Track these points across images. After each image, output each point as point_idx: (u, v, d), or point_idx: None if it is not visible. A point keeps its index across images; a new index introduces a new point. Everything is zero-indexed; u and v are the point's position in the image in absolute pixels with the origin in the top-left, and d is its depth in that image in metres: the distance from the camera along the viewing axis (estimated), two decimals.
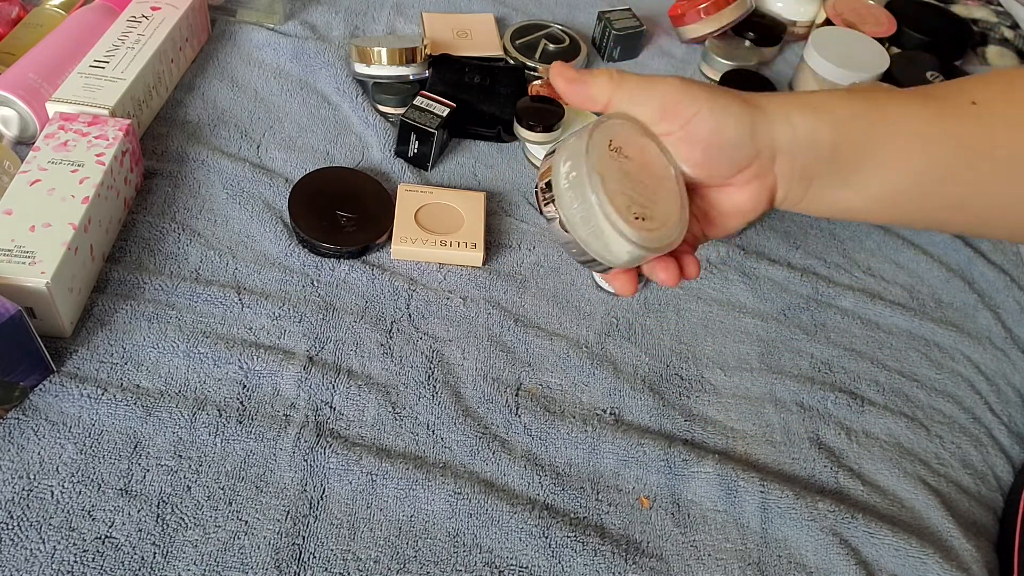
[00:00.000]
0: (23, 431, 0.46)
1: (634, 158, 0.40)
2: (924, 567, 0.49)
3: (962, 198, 0.42)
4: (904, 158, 0.41)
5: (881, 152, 0.41)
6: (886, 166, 0.41)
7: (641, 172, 0.40)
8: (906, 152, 0.41)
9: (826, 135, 0.41)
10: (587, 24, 0.88)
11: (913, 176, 0.41)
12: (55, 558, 0.42)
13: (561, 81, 0.43)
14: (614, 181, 0.39)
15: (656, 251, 0.40)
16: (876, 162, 0.41)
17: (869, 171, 0.41)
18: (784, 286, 0.65)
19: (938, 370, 0.62)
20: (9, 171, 0.56)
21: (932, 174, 0.41)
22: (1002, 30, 0.98)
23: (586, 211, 0.39)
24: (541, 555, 0.47)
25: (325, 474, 0.48)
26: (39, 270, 0.47)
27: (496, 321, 0.58)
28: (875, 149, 0.41)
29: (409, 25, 0.83)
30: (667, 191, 0.41)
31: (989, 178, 0.41)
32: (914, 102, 0.42)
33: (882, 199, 0.43)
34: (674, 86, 0.41)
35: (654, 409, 0.55)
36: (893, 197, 0.42)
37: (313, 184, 0.63)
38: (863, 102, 0.42)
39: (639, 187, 0.40)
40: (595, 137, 0.40)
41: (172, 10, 0.69)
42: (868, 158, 0.41)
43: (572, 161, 0.39)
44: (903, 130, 0.41)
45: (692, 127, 0.41)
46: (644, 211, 0.39)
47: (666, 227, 0.40)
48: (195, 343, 0.52)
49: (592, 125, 0.40)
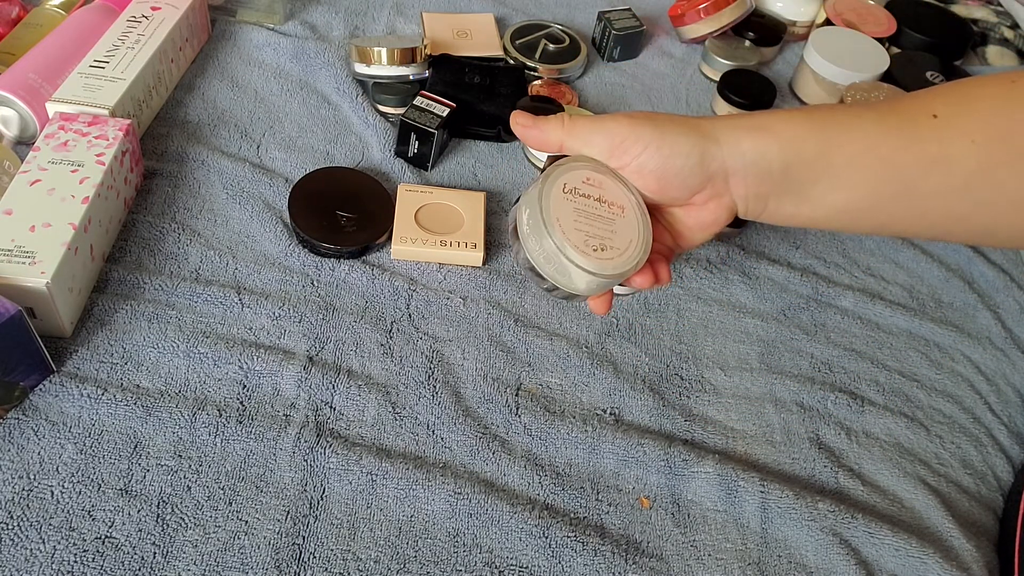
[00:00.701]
0: (23, 431, 0.46)
1: (591, 195, 0.44)
2: (924, 567, 0.49)
3: (922, 209, 0.43)
4: (858, 173, 0.42)
5: (834, 168, 0.42)
6: (840, 181, 0.43)
7: (598, 207, 0.44)
8: (860, 167, 0.42)
9: (775, 156, 0.42)
10: (587, 24, 0.88)
11: (869, 190, 0.43)
12: (55, 558, 0.42)
13: (519, 128, 0.47)
14: (570, 220, 0.43)
15: (619, 277, 0.43)
16: (830, 178, 0.43)
17: (824, 186, 0.43)
18: (784, 286, 0.65)
19: (938, 370, 0.62)
20: (9, 171, 0.56)
21: (888, 187, 0.42)
22: (1002, 30, 0.98)
23: (547, 251, 0.43)
24: (541, 555, 0.47)
25: (325, 474, 0.48)
26: (39, 270, 0.47)
27: (496, 321, 0.58)
28: (827, 166, 0.42)
29: (409, 25, 0.83)
30: (627, 219, 0.44)
31: (948, 191, 0.42)
32: (869, 118, 0.43)
33: (840, 212, 0.44)
34: (622, 125, 0.44)
35: (654, 409, 0.55)
36: (851, 210, 0.44)
37: (313, 184, 0.63)
38: (813, 121, 0.43)
39: (596, 221, 0.43)
40: (548, 183, 0.44)
41: (172, 10, 0.69)
42: (822, 174, 0.43)
43: (530, 209, 0.43)
44: (857, 146, 0.42)
45: (642, 161, 0.43)
46: (603, 242, 0.43)
47: (627, 253, 0.43)
48: (195, 343, 0.52)
49: (547, 172, 0.44)
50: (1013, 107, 0.40)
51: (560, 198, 0.43)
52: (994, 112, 0.40)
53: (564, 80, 0.80)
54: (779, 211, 0.45)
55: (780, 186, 0.43)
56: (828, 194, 0.43)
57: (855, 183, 0.42)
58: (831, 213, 0.44)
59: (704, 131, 0.43)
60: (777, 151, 0.42)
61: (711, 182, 0.44)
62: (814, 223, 0.45)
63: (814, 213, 0.44)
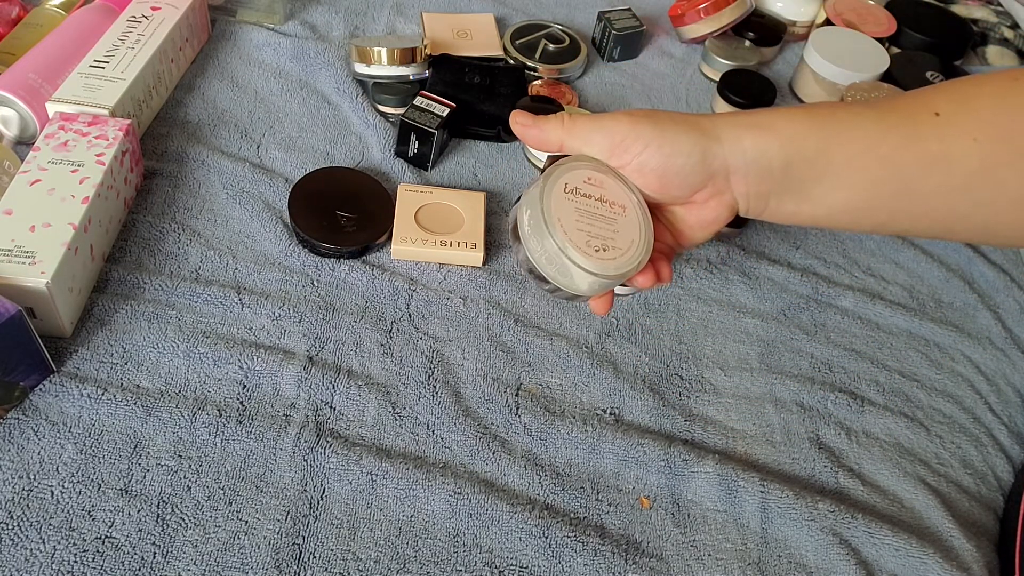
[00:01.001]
0: (23, 431, 0.46)
1: (592, 195, 0.44)
2: (924, 567, 0.49)
3: (923, 208, 0.43)
4: (858, 172, 0.42)
5: (834, 167, 0.42)
6: (840, 180, 0.43)
7: (599, 207, 0.44)
8: (860, 166, 0.42)
9: (776, 153, 0.42)
10: (587, 24, 0.88)
11: (869, 188, 0.43)
12: (55, 558, 0.42)
13: (518, 127, 0.47)
14: (571, 221, 0.42)
15: (620, 277, 0.43)
16: (831, 176, 0.43)
17: (825, 185, 0.43)
18: (784, 286, 0.65)
19: (938, 370, 0.62)
20: (9, 171, 0.56)
21: (889, 186, 0.42)
22: (1002, 30, 0.98)
23: (548, 252, 0.42)
24: (541, 555, 0.47)
25: (325, 474, 0.48)
26: (39, 270, 0.47)
27: (496, 321, 0.58)
28: (828, 164, 0.42)
29: (409, 25, 0.83)
30: (628, 219, 0.44)
31: (949, 190, 0.41)
32: (870, 116, 0.43)
33: (841, 211, 0.44)
34: (623, 124, 0.43)
35: (654, 409, 0.55)
36: (851, 209, 0.44)
37: (313, 184, 0.63)
38: (814, 119, 0.43)
39: (598, 221, 0.43)
40: (549, 183, 0.43)
41: (172, 10, 0.69)
42: (823, 173, 0.43)
43: (531, 209, 0.43)
44: (857, 145, 0.42)
45: (642, 160, 0.43)
46: (604, 243, 0.42)
47: (628, 253, 0.43)
48: (195, 343, 0.52)
49: (548, 172, 0.44)
50: (1015, 105, 0.40)
51: (561, 198, 0.43)
52: (995, 111, 0.40)
53: (564, 80, 0.80)
54: (780, 209, 0.45)
55: (781, 184, 0.43)
56: (829, 193, 0.43)
57: (855, 182, 0.42)
58: (832, 212, 0.44)
59: (705, 129, 0.43)
60: (778, 149, 0.42)
61: (712, 180, 0.44)
62: (815, 222, 0.45)
63: (815, 212, 0.44)
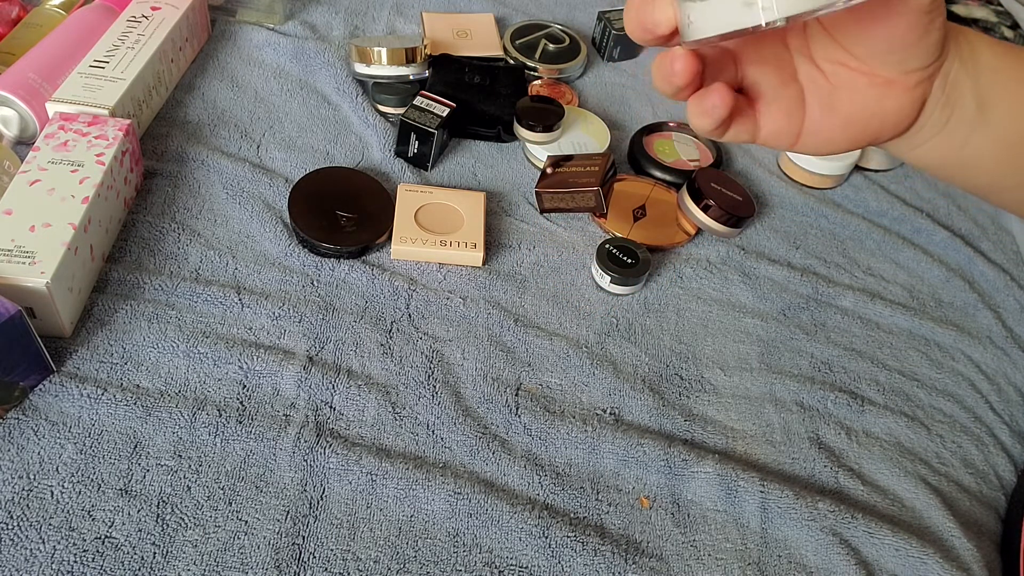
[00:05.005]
0: (23, 431, 0.46)
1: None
2: (924, 567, 0.49)
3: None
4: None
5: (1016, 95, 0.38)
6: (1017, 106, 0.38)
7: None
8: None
9: (987, 59, 0.38)
10: (587, 24, 0.88)
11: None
12: (55, 558, 0.42)
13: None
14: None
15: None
16: (1009, 102, 0.38)
17: (1002, 109, 0.38)
18: (784, 286, 0.65)
19: (938, 369, 0.62)
20: (9, 171, 0.56)
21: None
22: (1002, 30, 0.98)
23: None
24: (541, 555, 0.47)
25: (325, 474, 0.48)
26: (39, 270, 0.47)
27: (496, 321, 0.58)
28: (1013, 91, 0.38)
29: (409, 25, 0.83)
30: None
31: None
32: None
33: (1010, 143, 0.39)
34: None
35: (654, 409, 0.55)
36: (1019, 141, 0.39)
37: (313, 184, 0.63)
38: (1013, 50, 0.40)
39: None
40: None
41: (172, 10, 0.69)
42: (1003, 97, 0.38)
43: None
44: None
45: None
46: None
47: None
48: (195, 343, 0.52)
49: None
50: None
51: None
52: None
53: (564, 80, 0.80)
54: (953, 136, 0.39)
55: (974, 112, 0.38)
56: (1005, 118, 0.39)
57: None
58: (998, 145, 0.39)
59: (955, 33, 0.37)
60: (990, 54, 0.38)
61: (936, 63, 0.36)
62: (977, 158, 0.40)
63: (983, 142, 0.39)
